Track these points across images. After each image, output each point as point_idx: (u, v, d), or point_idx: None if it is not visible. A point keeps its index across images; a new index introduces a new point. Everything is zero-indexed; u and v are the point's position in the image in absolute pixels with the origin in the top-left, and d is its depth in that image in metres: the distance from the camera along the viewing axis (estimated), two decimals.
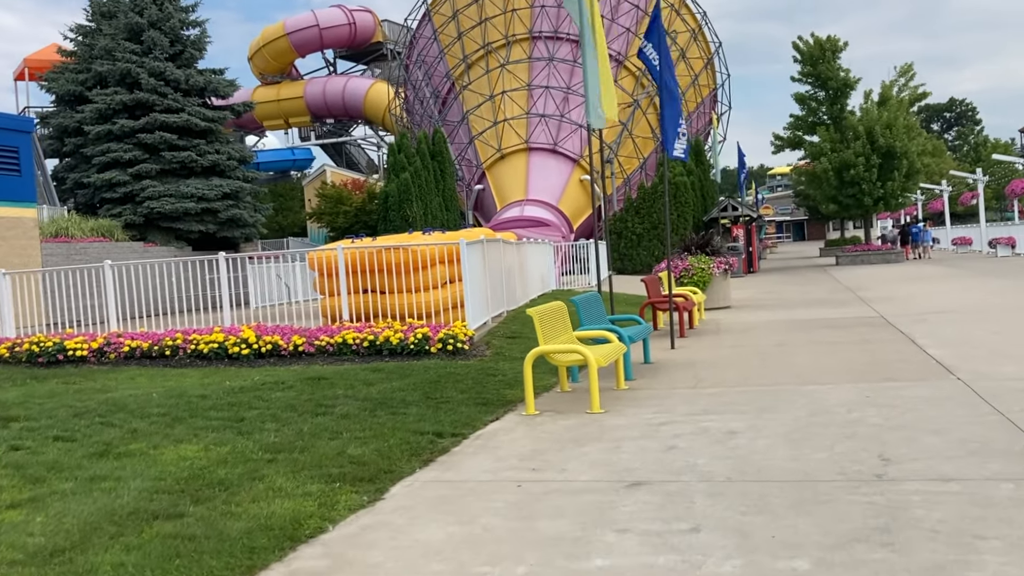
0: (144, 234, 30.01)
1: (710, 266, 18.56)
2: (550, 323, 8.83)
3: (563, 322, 9.27)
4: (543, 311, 8.66)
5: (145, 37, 30.23)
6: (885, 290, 21.62)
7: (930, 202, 58.63)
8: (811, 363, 10.30)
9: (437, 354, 11.26)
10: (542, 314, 8.59)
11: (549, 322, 8.80)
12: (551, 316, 8.93)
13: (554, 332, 8.90)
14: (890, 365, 9.83)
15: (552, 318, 8.94)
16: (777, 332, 13.85)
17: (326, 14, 62.51)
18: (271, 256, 14.71)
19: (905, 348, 11.12)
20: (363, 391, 8.96)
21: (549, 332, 8.72)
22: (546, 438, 7.03)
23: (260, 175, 35.99)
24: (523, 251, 18.25)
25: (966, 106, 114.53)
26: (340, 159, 70.92)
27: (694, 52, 48.47)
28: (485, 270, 13.66)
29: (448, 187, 40.65)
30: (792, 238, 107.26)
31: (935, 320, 14.11)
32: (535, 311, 8.40)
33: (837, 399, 7.98)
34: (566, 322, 9.34)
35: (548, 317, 8.81)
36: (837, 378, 9.17)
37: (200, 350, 11.77)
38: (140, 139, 29.51)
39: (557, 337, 8.94)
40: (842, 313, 16.31)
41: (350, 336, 11.50)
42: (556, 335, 8.93)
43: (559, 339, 8.93)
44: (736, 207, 37.35)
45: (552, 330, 8.85)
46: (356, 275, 12.64)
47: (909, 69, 40.22)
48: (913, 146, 37.56)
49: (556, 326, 9.01)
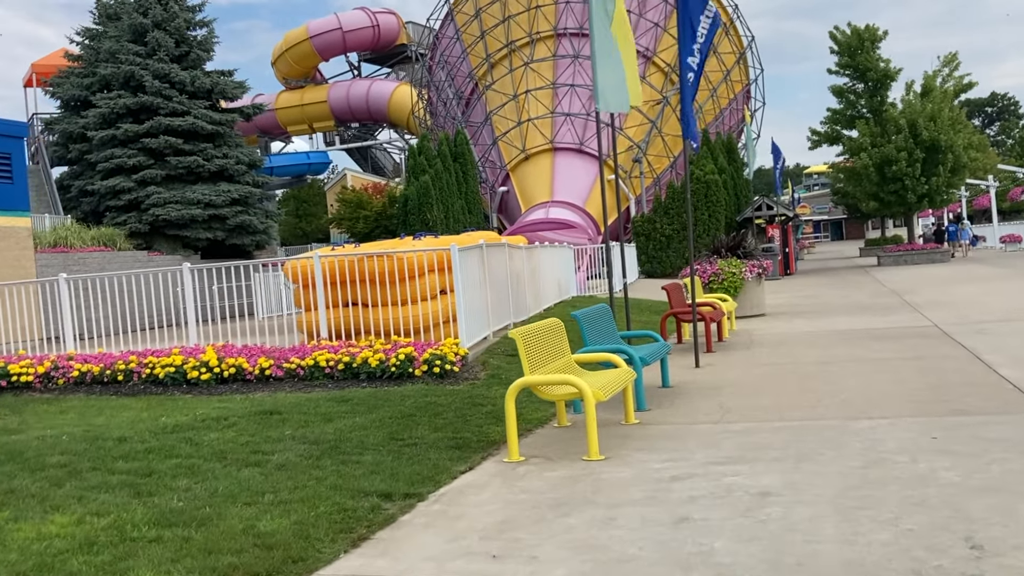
0: (150, 242, 28.87)
1: (742, 270, 16.88)
2: (541, 345, 7.28)
3: (559, 343, 7.71)
4: (531, 332, 7.11)
5: (149, 38, 29.11)
6: (934, 294, 19.78)
7: (976, 198, 56.14)
8: (859, 388, 8.64)
9: (422, 378, 9.76)
10: (529, 335, 7.04)
11: (539, 344, 7.24)
12: (542, 337, 7.37)
13: (547, 356, 7.34)
14: (955, 390, 8.15)
15: (544, 339, 7.39)
16: (817, 346, 12.17)
17: (349, 17, 61.49)
18: (269, 264, 13.30)
19: (970, 367, 9.41)
20: (317, 430, 7.46)
21: (540, 357, 7.17)
22: (524, 501, 5.49)
23: (272, 180, 34.76)
24: (535, 256, 16.69)
25: (1008, 100, 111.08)
26: (366, 164, 69.94)
27: (726, 47, 46.59)
28: (485, 278, 12.13)
29: (471, 189, 39.27)
30: (830, 238, 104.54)
31: (998, 331, 12.34)
32: (518, 332, 6.85)
33: (896, 442, 6.35)
34: (562, 343, 7.78)
35: (538, 338, 7.26)
36: (892, 409, 7.51)
37: (156, 375, 10.36)
38: (145, 144, 28.37)
39: (551, 362, 7.38)
40: (889, 322, 14.57)
41: (323, 358, 10.03)
42: (549, 360, 7.37)
43: (553, 365, 7.37)
44: (771, 206, 35.49)
45: (544, 354, 7.29)
46: (336, 286, 11.17)
47: (953, 59, 38.07)
48: (959, 139, 35.42)
49: (549, 349, 7.45)
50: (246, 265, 12.21)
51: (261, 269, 12.12)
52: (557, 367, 7.43)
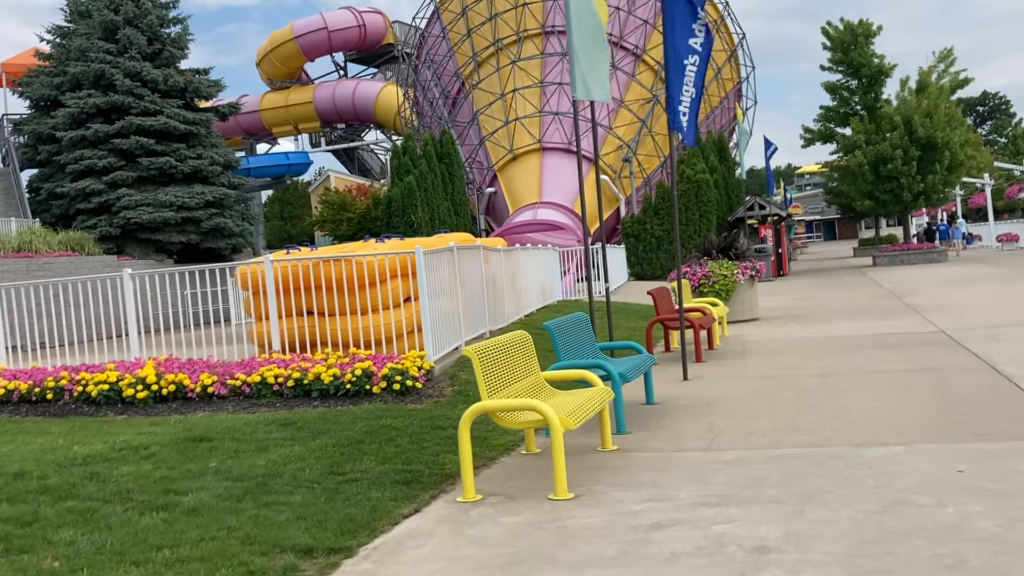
0: (121, 247, 27.83)
1: (734, 272, 15.95)
2: (504, 362, 6.32)
3: (526, 360, 6.75)
4: (490, 348, 6.15)
5: (120, 35, 28.08)
6: (936, 295, 18.88)
7: (971, 196, 55.37)
8: (866, 406, 7.70)
9: (381, 395, 8.79)
10: (488, 351, 6.08)
11: (502, 361, 6.28)
12: (506, 352, 6.41)
13: (511, 375, 6.38)
14: (976, 410, 7.21)
15: (508, 355, 6.43)
16: (816, 354, 11.24)
17: (335, 16, 60.50)
18: (218, 269, 12.27)
19: (987, 381, 8.49)
20: (247, 462, 6.49)
21: (503, 376, 6.21)
22: (471, 559, 4.53)
23: (248, 181, 33.72)
24: (515, 259, 15.74)
25: (999, 99, 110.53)
26: (352, 165, 68.98)
27: (717, 44, 45.62)
28: (456, 283, 11.17)
29: (457, 190, 38.35)
30: (823, 238, 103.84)
31: (1011, 337, 11.43)
32: (475, 349, 5.88)
33: (915, 476, 5.41)
34: (530, 360, 6.82)
35: (501, 354, 6.30)
36: (907, 433, 6.57)
37: (88, 393, 9.37)
38: (115, 144, 27.34)
39: (516, 382, 6.43)
40: (892, 327, 13.65)
41: (271, 374, 9.05)
42: (514, 379, 6.42)
43: (519, 386, 6.42)
44: (764, 205, 34.61)
45: (508, 373, 6.34)
46: (290, 293, 10.19)
47: (949, 54, 37.23)
48: (955, 136, 34.57)
49: (514, 366, 6.49)
50: (201, 270, 11.23)
51: (218, 273, 11.10)
52: (524, 388, 6.47)
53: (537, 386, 6.72)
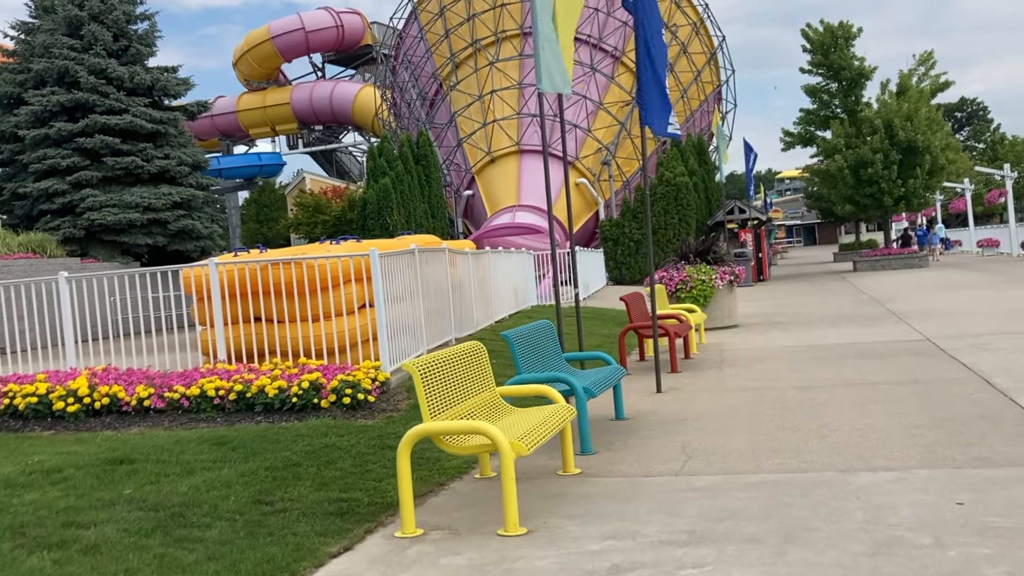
0: (86, 248, 26.96)
1: (712, 277, 15.39)
2: (454, 377, 5.68)
3: (479, 374, 6.12)
4: (435, 361, 5.51)
5: (85, 31, 27.22)
6: (919, 301, 18.40)
7: (951, 201, 55.23)
8: (852, 424, 7.12)
9: (330, 410, 8.13)
10: (433, 365, 5.44)
11: (451, 376, 5.65)
12: (455, 366, 5.78)
13: (461, 391, 5.75)
14: (970, 428, 6.64)
15: (457, 369, 5.79)
16: (797, 365, 10.67)
17: (312, 17, 59.74)
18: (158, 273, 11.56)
19: (980, 395, 7.93)
20: (166, 488, 5.82)
21: (451, 392, 5.58)
22: None
23: (216, 182, 32.91)
24: (484, 262, 15.12)
25: (977, 105, 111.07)
26: (331, 167, 68.20)
27: (696, 47, 45.38)
28: (418, 288, 10.54)
29: (434, 193, 37.71)
30: (803, 242, 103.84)
31: (1000, 346, 10.91)
32: (416, 363, 5.24)
33: (910, 508, 4.82)
34: (484, 373, 6.19)
35: (449, 368, 5.66)
36: (897, 455, 6.00)
37: (16, 406, 8.66)
38: (80, 144, 26.46)
39: (467, 399, 5.80)
40: (876, 335, 13.12)
41: (211, 386, 8.37)
42: (466, 396, 5.79)
43: (469, 403, 5.79)
44: (744, 209, 34.14)
45: (458, 389, 5.70)
46: (238, 299, 9.51)
47: (929, 57, 36.93)
48: (936, 140, 34.23)
49: (465, 381, 5.86)
50: (141, 274, 10.52)
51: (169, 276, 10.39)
52: (476, 406, 5.84)
53: (491, 404, 6.10)
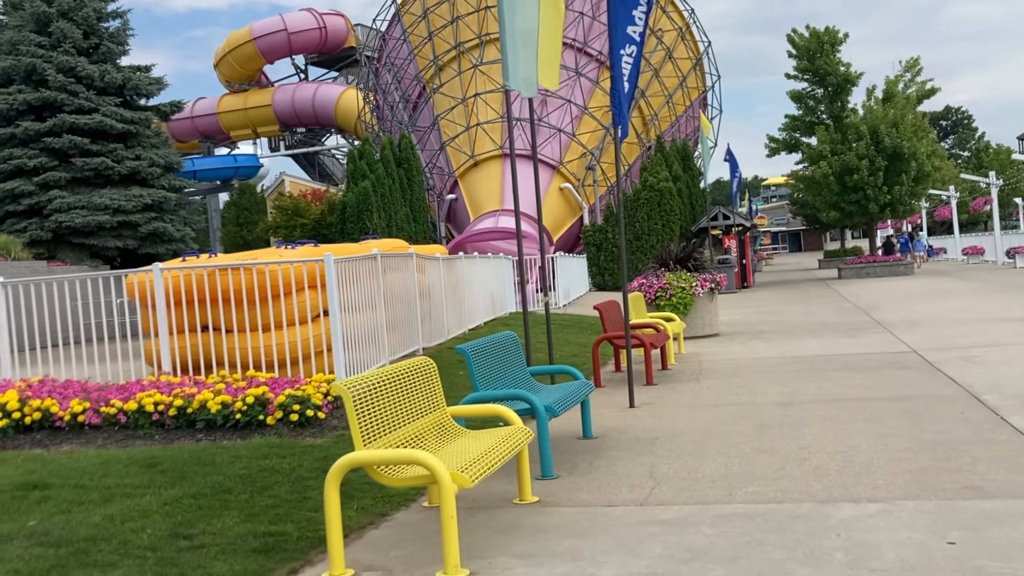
0: (53, 251, 26.30)
1: (692, 285, 14.90)
2: (395, 398, 5.13)
3: (427, 393, 5.58)
4: (373, 379, 4.95)
5: (54, 28, 26.58)
6: (904, 310, 17.97)
7: (936, 209, 55.06)
8: (833, 445, 6.62)
9: (277, 427, 7.58)
10: (369, 385, 4.89)
11: (392, 397, 5.10)
12: (397, 385, 5.23)
13: (405, 413, 5.21)
14: (960, 452, 6.15)
15: (399, 388, 5.24)
16: (778, 378, 10.17)
17: (295, 18, 59.08)
18: (100, 278, 10.97)
19: (970, 413, 7.44)
20: (77, 519, 5.25)
21: (392, 415, 5.04)
22: None
23: (190, 184, 32.26)
24: (457, 268, 14.58)
25: (962, 114, 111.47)
26: (313, 170, 67.57)
27: (681, 52, 45.03)
28: (380, 295, 10.00)
29: (416, 196, 37.18)
30: (788, 249, 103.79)
31: (989, 359, 10.45)
32: (348, 383, 4.68)
33: (896, 550, 4.30)
34: (432, 392, 5.64)
35: (388, 387, 5.11)
36: (883, 483, 5.49)
37: None
38: (47, 143, 25.83)
39: (413, 421, 5.26)
40: (861, 346, 12.65)
41: (150, 401, 7.80)
42: (409, 417, 5.24)
43: (415, 426, 5.25)
44: (728, 215, 33.72)
45: (400, 410, 5.16)
46: (184, 306, 8.94)
47: (915, 64, 36.67)
48: (922, 147, 33.94)
49: (409, 401, 5.31)
50: (83, 279, 9.91)
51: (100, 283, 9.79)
52: (422, 428, 5.30)
53: (441, 426, 5.55)
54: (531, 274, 26.44)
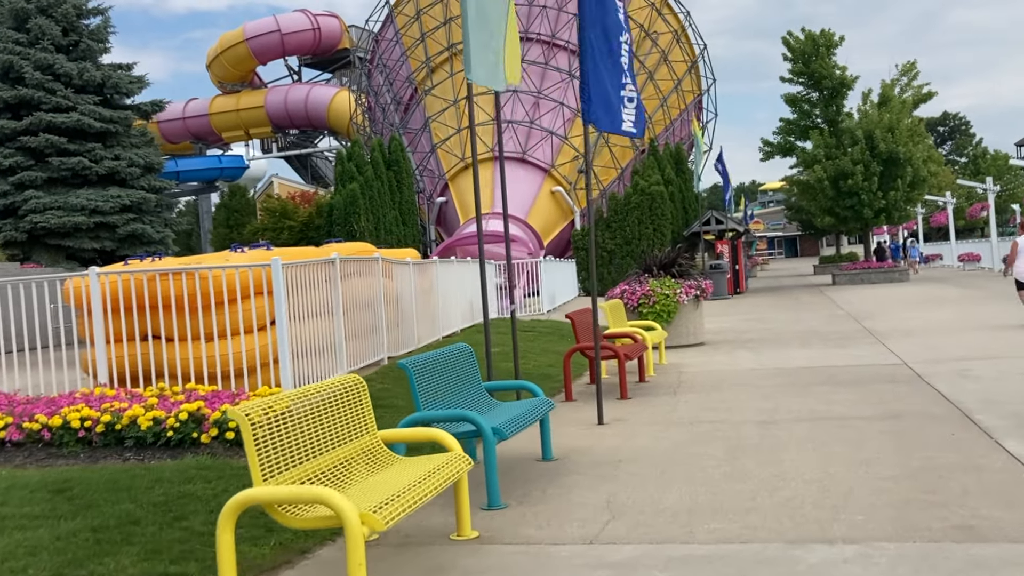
0: (28, 253, 25.72)
1: (676, 291, 14.33)
2: (312, 423, 4.56)
3: (354, 416, 4.99)
4: (281, 403, 4.37)
5: (32, 25, 26.01)
6: (897, 319, 17.42)
7: (932, 215, 54.56)
8: (812, 471, 6.04)
9: (212, 446, 6.99)
10: (277, 410, 4.30)
11: (308, 421, 4.52)
12: (315, 408, 4.64)
13: (325, 439, 4.63)
14: (950, 482, 5.58)
15: (319, 411, 4.66)
16: (760, 392, 9.60)
17: (288, 19, 58.58)
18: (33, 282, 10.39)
19: (962, 436, 6.87)
20: None
21: (307, 442, 4.46)
22: None
23: (170, 185, 31.64)
24: (430, 273, 14.01)
25: (960, 120, 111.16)
26: (306, 172, 67.03)
27: (677, 55, 44.53)
28: (338, 302, 9.42)
29: (406, 199, 36.65)
30: (784, 254, 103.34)
31: (983, 373, 9.88)
32: (245, 409, 4.10)
33: None
34: (360, 414, 5.06)
35: (303, 412, 4.53)
36: (862, 521, 4.91)
37: None
38: (23, 142, 25.27)
39: (334, 449, 4.68)
40: (850, 357, 12.08)
41: (76, 416, 7.21)
42: (330, 444, 4.66)
43: (336, 453, 4.67)
44: (721, 220, 33.15)
45: (318, 436, 4.58)
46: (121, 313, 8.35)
47: (912, 67, 36.13)
48: (918, 152, 33.40)
49: (331, 426, 4.73)
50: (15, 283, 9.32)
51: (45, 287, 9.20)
52: (345, 457, 4.72)
53: (370, 454, 4.97)
54: (520, 279, 25.89)
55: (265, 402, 4.22)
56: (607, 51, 8.64)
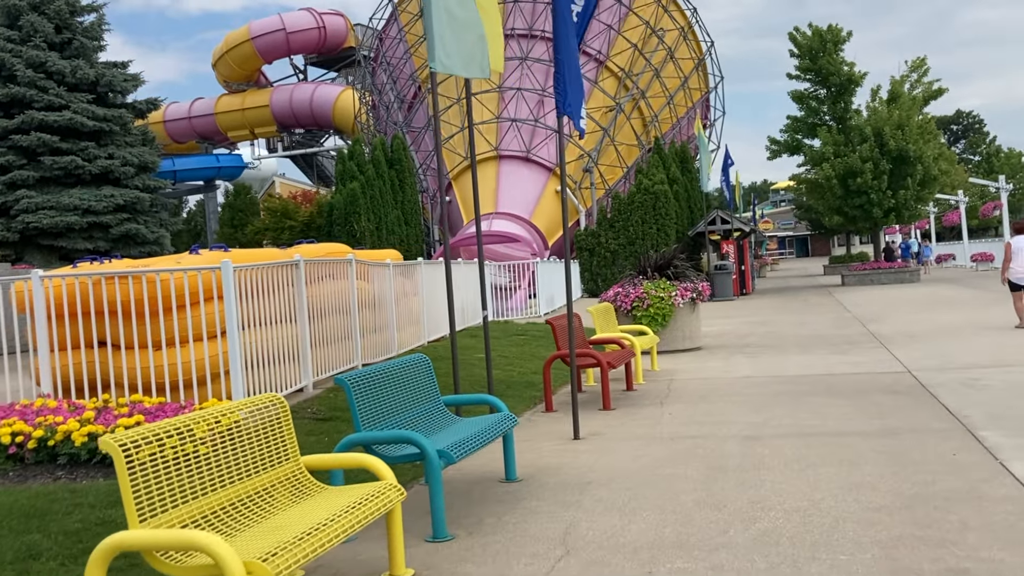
0: (21, 253, 25.35)
1: (672, 294, 13.75)
2: (216, 450, 4.02)
3: (274, 439, 4.45)
4: (166, 429, 3.83)
5: (24, 22, 25.65)
6: (903, 321, 16.79)
7: (945, 214, 53.71)
8: (795, 497, 5.47)
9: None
10: (164, 438, 3.76)
11: (201, 449, 3.98)
12: (216, 433, 4.10)
13: (237, 467, 4.09)
14: (949, 513, 5.00)
15: (221, 437, 4.12)
16: (751, 403, 9.02)
17: (293, 18, 58.16)
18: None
19: (966, 457, 6.28)
20: None
21: (209, 472, 3.92)
22: None
23: (166, 184, 31.24)
24: (415, 275, 13.48)
25: (973, 118, 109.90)
26: (311, 172, 66.66)
27: (684, 52, 43.90)
28: (303, 307, 8.89)
29: (408, 198, 36.14)
30: (795, 254, 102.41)
31: (991, 383, 9.27)
32: (120, 439, 3.56)
33: None
34: (282, 438, 4.51)
35: (193, 438, 3.99)
36: (846, 560, 4.33)
37: None
38: (15, 141, 24.90)
39: (248, 479, 4.14)
40: (850, 364, 11.48)
41: (6, 431, 6.69)
42: (247, 472, 4.12)
43: (250, 484, 4.13)
44: (727, 220, 32.51)
45: (229, 464, 4.04)
46: (66, 319, 7.84)
47: (922, 64, 35.40)
48: (928, 150, 32.64)
49: (243, 453, 4.19)
50: None
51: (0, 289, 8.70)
52: (262, 487, 4.18)
53: (291, 483, 4.43)
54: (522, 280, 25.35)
55: (149, 429, 3.68)
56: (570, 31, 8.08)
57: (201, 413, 4.05)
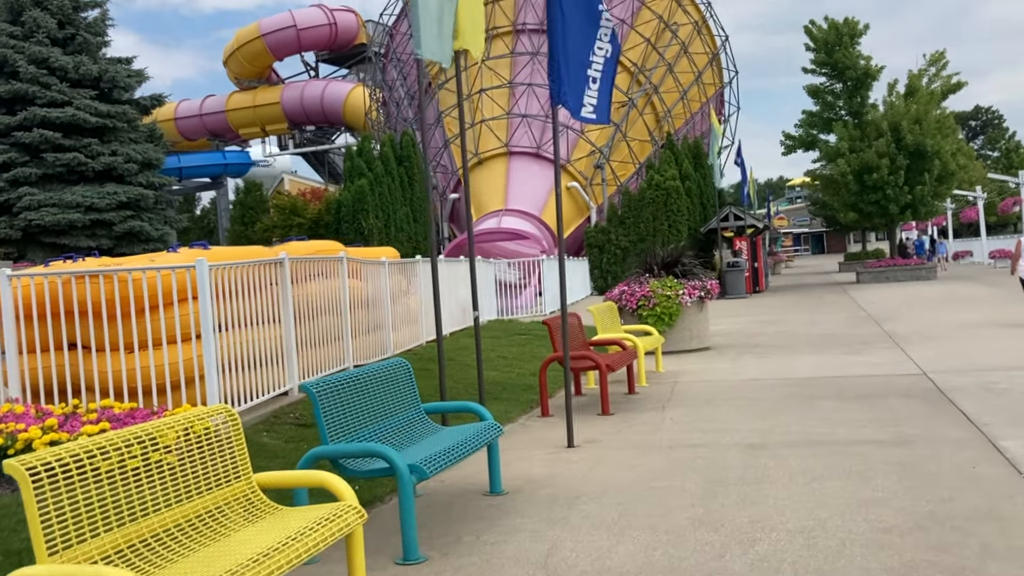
0: (23, 251, 25.09)
1: (679, 293, 13.30)
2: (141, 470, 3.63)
3: (224, 455, 4.06)
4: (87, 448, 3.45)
5: (26, 17, 25.36)
6: (919, 320, 16.28)
7: (963, 211, 52.89)
8: (799, 516, 5.04)
9: None
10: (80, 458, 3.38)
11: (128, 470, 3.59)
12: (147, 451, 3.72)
13: (171, 489, 3.71)
14: (968, 535, 4.56)
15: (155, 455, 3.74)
16: (757, 408, 8.57)
17: (304, 14, 57.94)
18: None
19: (986, 470, 5.83)
20: None
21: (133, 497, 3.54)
22: None
23: (170, 181, 30.96)
24: (413, 273, 13.08)
25: (992, 114, 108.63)
26: (323, 169, 66.48)
27: (698, 47, 43.30)
28: (288, 307, 8.51)
29: (418, 196, 35.79)
30: (811, 251, 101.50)
31: (1012, 386, 8.80)
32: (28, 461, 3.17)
33: None
34: (233, 454, 4.12)
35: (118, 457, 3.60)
36: None
37: None
38: (17, 138, 24.61)
39: (198, 499, 3.76)
40: (864, 365, 11.01)
41: None
42: (180, 495, 3.74)
43: (197, 504, 3.75)
44: (740, 216, 31.98)
45: (159, 485, 3.66)
46: (35, 320, 7.47)
47: (941, 57, 34.70)
48: (946, 145, 31.99)
49: (181, 473, 3.81)
50: None
51: None
52: (201, 509, 3.79)
53: (241, 503, 4.04)
54: (531, 277, 24.94)
55: (67, 449, 3.30)
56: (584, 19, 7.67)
57: (133, 430, 3.66)
